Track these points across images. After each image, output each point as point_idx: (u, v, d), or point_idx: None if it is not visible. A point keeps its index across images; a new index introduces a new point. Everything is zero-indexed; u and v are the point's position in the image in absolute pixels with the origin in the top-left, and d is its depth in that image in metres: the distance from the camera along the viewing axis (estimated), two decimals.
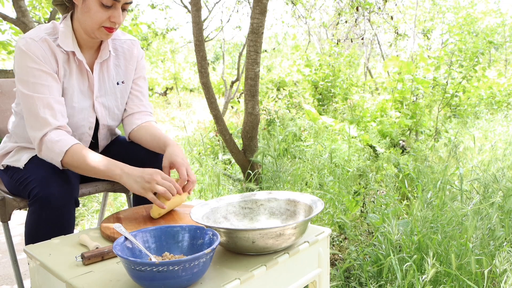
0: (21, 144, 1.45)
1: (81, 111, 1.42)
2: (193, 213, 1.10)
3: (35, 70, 1.29)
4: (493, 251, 1.73)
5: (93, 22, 1.31)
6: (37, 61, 1.29)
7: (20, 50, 1.29)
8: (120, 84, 1.51)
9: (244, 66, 3.47)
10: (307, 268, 1.14)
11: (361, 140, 4.38)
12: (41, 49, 1.29)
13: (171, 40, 13.36)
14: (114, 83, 1.49)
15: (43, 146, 1.29)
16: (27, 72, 1.29)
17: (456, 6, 11.32)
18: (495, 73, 9.75)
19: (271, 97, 6.90)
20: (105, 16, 1.30)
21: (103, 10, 1.29)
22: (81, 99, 1.41)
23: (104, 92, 1.46)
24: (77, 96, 1.40)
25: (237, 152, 2.97)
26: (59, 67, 1.34)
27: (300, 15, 6.74)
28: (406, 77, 5.63)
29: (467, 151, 3.95)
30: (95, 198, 3.24)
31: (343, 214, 2.41)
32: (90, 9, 1.29)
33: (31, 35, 1.31)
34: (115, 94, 1.50)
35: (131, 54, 1.53)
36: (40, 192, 1.22)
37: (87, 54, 1.43)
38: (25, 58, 1.28)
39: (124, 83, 1.52)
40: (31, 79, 1.29)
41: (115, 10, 1.31)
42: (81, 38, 1.38)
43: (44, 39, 1.31)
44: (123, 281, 0.93)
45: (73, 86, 1.38)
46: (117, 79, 1.49)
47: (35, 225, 1.25)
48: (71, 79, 1.38)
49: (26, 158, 1.38)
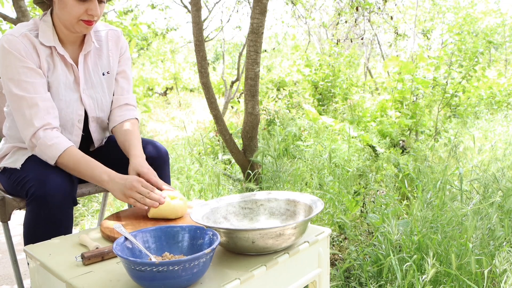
0: (16, 144, 1.45)
1: (68, 104, 1.42)
2: (193, 213, 1.10)
3: (19, 67, 1.30)
4: (493, 251, 1.73)
5: (70, 17, 1.33)
6: (20, 57, 1.30)
7: (3, 48, 1.31)
8: (106, 74, 1.51)
9: (244, 66, 3.47)
10: (307, 268, 1.14)
11: (361, 140, 4.38)
12: (22, 44, 1.31)
13: (171, 40, 13.35)
14: (100, 74, 1.50)
15: (36, 149, 1.32)
16: (11, 70, 1.30)
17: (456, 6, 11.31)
18: (495, 73, 9.74)
19: (271, 97, 6.90)
20: (82, 10, 1.32)
21: (79, 4, 1.31)
22: (68, 93, 1.42)
23: (90, 84, 1.47)
24: (63, 90, 1.41)
25: (237, 152, 2.97)
26: (41, 61, 1.35)
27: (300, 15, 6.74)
28: (406, 77, 5.63)
29: (467, 151, 3.95)
30: (95, 198, 3.24)
31: (343, 214, 2.41)
32: (67, 4, 1.31)
33: (12, 31, 1.33)
34: (102, 85, 1.51)
35: (114, 43, 1.54)
36: (37, 191, 1.23)
37: (70, 48, 1.44)
38: (8, 56, 1.30)
39: (109, 73, 1.52)
40: (16, 77, 1.30)
41: (92, 2, 1.32)
42: (62, 34, 1.40)
43: (24, 34, 1.33)
44: (123, 281, 0.93)
45: (58, 80, 1.39)
46: (102, 70, 1.50)
47: (33, 224, 1.26)
48: (55, 73, 1.39)
49: (23, 159, 1.39)
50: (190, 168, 3.42)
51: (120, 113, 1.55)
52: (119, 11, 5.13)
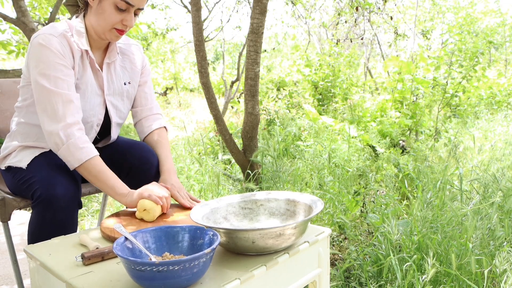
0: (23, 143, 1.44)
1: (92, 107, 1.45)
2: (193, 213, 1.10)
3: (56, 64, 1.31)
4: (493, 251, 1.73)
5: (106, 24, 1.36)
6: (58, 55, 1.32)
7: (40, 45, 1.31)
8: (127, 84, 1.56)
9: (244, 66, 3.47)
10: (307, 268, 1.14)
11: (361, 140, 4.38)
12: (61, 44, 1.33)
13: (171, 40, 13.35)
14: (121, 83, 1.54)
15: (64, 146, 1.29)
16: (48, 66, 1.31)
17: (456, 6, 11.31)
18: (495, 73, 9.74)
19: (271, 97, 6.90)
20: (118, 19, 1.35)
21: (117, 13, 1.34)
22: (93, 96, 1.45)
23: (112, 91, 1.51)
24: (89, 93, 1.44)
25: (237, 152, 2.97)
26: (75, 63, 1.38)
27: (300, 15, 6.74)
28: (406, 77, 5.63)
29: (467, 151, 3.95)
30: (95, 198, 3.24)
31: (343, 214, 2.41)
32: (105, 10, 1.34)
33: (49, 31, 1.34)
34: (122, 94, 1.55)
35: (135, 57, 1.59)
36: (44, 193, 1.23)
37: (96, 53, 1.48)
38: (45, 52, 1.31)
39: (130, 84, 1.57)
40: (52, 73, 1.31)
41: (128, 13, 1.36)
42: (91, 38, 1.43)
43: (63, 34, 1.35)
44: (123, 281, 0.93)
45: (86, 82, 1.42)
46: (124, 80, 1.55)
47: (38, 226, 1.26)
48: (84, 76, 1.42)
49: (29, 158, 1.38)
50: (190, 168, 3.42)
51: (148, 123, 1.63)
52: None
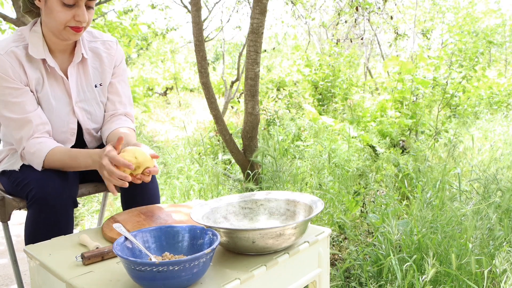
0: (13, 147, 1.44)
1: (60, 117, 1.39)
2: (193, 213, 1.10)
3: (4, 88, 1.28)
4: (493, 251, 1.73)
5: (57, 23, 1.27)
6: (5, 77, 1.27)
7: None
8: (98, 86, 1.47)
9: (244, 66, 3.47)
10: (307, 268, 1.14)
11: (361, 140, 4.37)
12: (8, 63, 1.27)
13: (171, 40, 13.34)
14: (92, 85, 1.46)
15: (25, 161, 1.36)
16: None
17: (456, 6, 11.31)
18: (495, 73, 9.74)
19: (271, 97, 6.90)
20: (69, 16, 1.27)
21: (66, 10, 1.26)
22: (59, 106, 1.39)
23: (83, 96, 1.44)
24: (54, 103, 1.37)
25: (237, 152, 2.97)
26: (29, 77, 1.32)
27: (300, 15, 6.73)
28: (406, 77, 5.63)
29: (467, 151, 3.95)
30: (95, 198, 3.24)
31: (343, 214, 2.41)
32: (53, 10, 1.26)
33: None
34: (95, 97, 1.47)
35: (108, 55, 1.49)
36: (38, 194, 1.23)
37: (60, 58, 1.39)
38: None
39: (102, 86, 1.48)
40: (2, 98, 1.29)
41: (79, 8, 1.27)
42: (51, 42, 1.36)
43: (10, 51, 1.28)
44: (123, 281, 0.93)
45: (48, 93, 1.36)
46: (95, 82, 1.46)
47: (33, 226, 1.26)
48: (45, 87, 1.35)
49: (21, 161, 1.39)
50: (190, 168, 3.42)
51: (117, 121, 1.50)
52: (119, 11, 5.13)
